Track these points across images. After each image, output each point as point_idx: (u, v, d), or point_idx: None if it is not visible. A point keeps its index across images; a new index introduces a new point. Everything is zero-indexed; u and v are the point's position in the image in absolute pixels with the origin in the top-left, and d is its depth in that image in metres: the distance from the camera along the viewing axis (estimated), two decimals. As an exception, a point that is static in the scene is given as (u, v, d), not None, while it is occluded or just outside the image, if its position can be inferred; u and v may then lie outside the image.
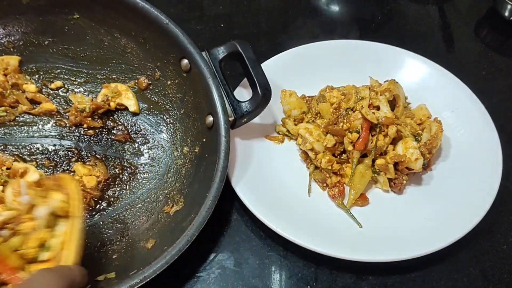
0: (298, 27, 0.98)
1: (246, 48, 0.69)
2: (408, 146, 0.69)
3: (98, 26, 0.73)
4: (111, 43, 0.73)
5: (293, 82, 0.80)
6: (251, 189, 0.69)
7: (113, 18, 0.71)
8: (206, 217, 0.59)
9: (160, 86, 0.74)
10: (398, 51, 0.85)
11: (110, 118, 0.74)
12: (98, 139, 0.72)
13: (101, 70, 0.75)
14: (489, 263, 0.68)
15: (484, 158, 0.73)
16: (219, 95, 0.65)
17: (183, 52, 0.68)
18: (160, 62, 0.72)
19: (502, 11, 0.97)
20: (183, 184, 0.67)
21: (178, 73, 0.71)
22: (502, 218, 0.72)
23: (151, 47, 0.72)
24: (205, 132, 0.67)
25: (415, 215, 0.69)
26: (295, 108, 0.77)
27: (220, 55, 0.69)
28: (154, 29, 0.69)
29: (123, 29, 0.72)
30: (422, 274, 0.66)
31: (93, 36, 0.73)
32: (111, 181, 0.69)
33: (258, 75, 0.68)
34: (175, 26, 0.68)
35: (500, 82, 0.90)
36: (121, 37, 0.73)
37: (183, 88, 0.71)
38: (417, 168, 0.69)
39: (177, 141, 0.72)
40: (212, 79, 0.65)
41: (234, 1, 1.00)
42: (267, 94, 0.68)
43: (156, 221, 0.64)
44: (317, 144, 0.72)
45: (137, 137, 0.73)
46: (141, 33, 0.71)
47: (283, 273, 0.66)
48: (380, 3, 1.03)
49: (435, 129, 0.72)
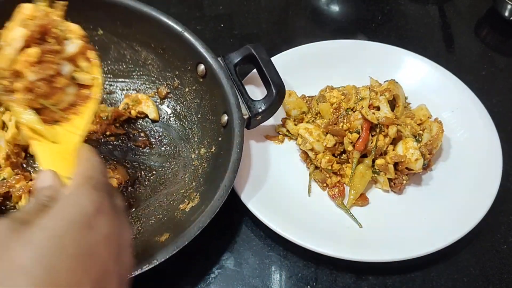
0: (298, 27, 0.98)
1: (260, 50, 0.72)
2: (409, 147, 0.69)
3: (120, 41, 0.77)
4: (132, 56, 0.78)
5: (293, 82, 0.80)
6: (251, 189, 0.69)
7: (134, 31, 0.75)
8: (219, 205, 0.60)
9: (178, 93, 0.78)
10: (398, 51, 0.85)
11: (131, 125, 0.77)
12: (119, 145, 0.75)
13: (123, 82, 0.80)
14: (489, 263, 0.68)
15: (484, 158, 0.73)
16: (233, 94, 0.67)
17: (199, 58, 0.71)
18: (178, 70, 0.76)
19: (502, 11, 0.97)
20: (199, 182, 0.69)
21: (195, 79, 0.74)
22: (502, 218, 0.72)
23: (169, 56, 0.76)
24: (220, 131, 0.70)
25: (415, 215, 0.69)
26: (295, 108, 0.77)
27: (235, 59, 0.72)
28: (171, 39, 0.72)
29: (143, 41, 0.76)
30: (422, 274, 0.66)
31: (116, 50, 0.78)
32: (131, 183, 0.71)
33: (271, 74, 0.70)
34: (190, 34, 0.71)
35: (500, 82, 0.90)
36: (142, 49, 0.77)
37: (200, 93, 0.74)
38: (417, 168, 0.69)
39: (194, 144, 0.74)
40: (227, 79, 0.68)
41: (234, 1, 1.00)
42: (281, 91, 0.70)
43: (172, 218, 0.66)
44: (317, 144, 0.72)
45: (156, 142, 0.76)
46: (160, 44, 0.75)
47: (283, 273, 0.66)
48: (380, 3, 1.03)
49: (436, 129, 0.72)
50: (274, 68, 0.71)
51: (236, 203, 0.71)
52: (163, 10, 0.97)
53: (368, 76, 0.78)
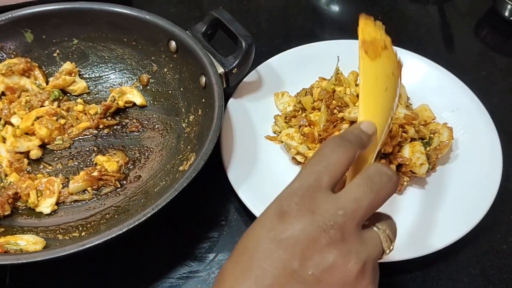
0: (298, 27, 0.98)
1: (222, 12, 0.76)
2: (416, 150, 0.69)
3: (95, 45, 0.82)
4: (109, 55, 0.83)
5: (293, 82, 0.80)
6: (251, 189, 0.69)
7: (105, 32, 0.80)
8: (208, 150, 0.62)
9: (159, 76, 0.82)
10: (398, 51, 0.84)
11: (122, 115, 0.81)
12: (113, 134, 0.79)
13: (107, 81, 0.84)
14: (489, 263, 0.68)
15: (484, 158, 0.73)
16: (204, 55, 0.71)
17: (168, 35, 0.75)
18: (153, 55, 0.80)
19: (502, 11, 0.97)
20: (194, 144, 0.72)
21: (170, 57, 0.78)
22: (502, 218, 0.72)
23: (142, 45, 0.80)
24: (202, 93, 0.73)
25: (415, 215, 0.69)
26: (289, 105, 0.78)
27: (201, 28, 0.76)
28: (140, 27, 0.77)
29: (116, 39, 0.80)
30: (422, 274, 0.66)
31: (94, 55, 0.83)
32: (131, 164, 0.75)
33: (237, 29, 0.73)
34: (153, 16, 0.76)
35: (500, 82, 0.90)
36: (116, 47, 0.81)
37: (177, 68, 0.79)
38: (421, 173, 0.69)
39: (183, 115, 0.78)
40: (196, 45, 0.72)
41: (234, 1, 1.00)
42: (248, 40, 0.72)
43: (174, 180, 0.69)
44: (301, 146, 0.71)
45: (148, 124, 0.80)
46: (130, 37, 0.80)
47: (283, 273, 0.66)
48: (380, 3, 1.03)
49: (447, 135, 0.72)
50: (239, 24, 0.74)
51: (236, 203, 0.71)
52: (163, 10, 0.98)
53: (368, 76, 0.78)
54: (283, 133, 0.74)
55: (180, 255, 0.67)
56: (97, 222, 0.66)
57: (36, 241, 0.62)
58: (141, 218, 0.55)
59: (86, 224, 0.66)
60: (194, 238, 0.68)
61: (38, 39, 0.79)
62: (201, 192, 0.70)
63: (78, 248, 0.52)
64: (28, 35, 0.79)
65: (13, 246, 0.61)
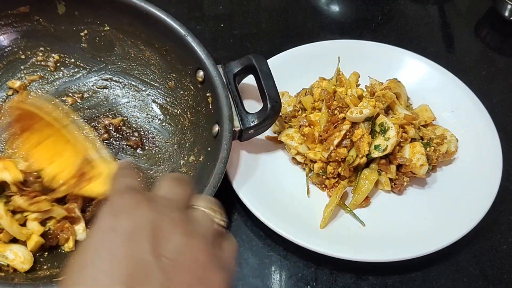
0: (298, 27, 0.98)
1: (261, 62, 0.71)
2: (416, 151, 0.69)
3: (125, 38, 0.77)
4: (136, 54, 0.79)
5: (293, 82, 0.80)
6: (251, 189, 0.69)
7: (140, 30, 0.76)
8: None
9: (175, 96, 0.78)
10: (398, 51, 0.85)
11: (126, 123, 0.78)
12: (111, 143, 0.75)
13: (125, 78, 0.81)
14: (489, 263, 0.68)
15: (484, 158, 0.73)
16: (227, 105, 0.66)
17: (199, 63, 0.71)
18: (178, 73, 0.76)
19: (502, 11, 0.97)
20: None
21: (193, 84, 0.74)
22: (502, 218, 0.72)
23: (172, 59, 0.76)
24: (211, 141, 0.69)
25: (415, 215, 0.69)
26: (289, 105, 0.78)
27: (235, 68, 0.71)
28: (175, 41, 0.72)
29: (148, 41, 0.76)
30: (422, 274, 0.66)
31: (120, 47, 0.78)
32: None
33: (269, 87, 0.69)
34: (193, 38, 0.71)
35: (500, 82, 0.90)
36: (146, 49, 0.77)
37: (196, 98, 0.74)
38: (421, 174, 0.69)
39: (184, 150, 0.74)
40: (223, 89, 0.67)
41: (234, 1, 1.00)
42: (275, 106, 0.68)
43: None
44: (301, 147, 0.71)
45: (148, 143, 0.76)
46: (163, 45, 0.75)
47: (283, 273, 0.66)
48: (380, 3, 1.03)
49: (454, 147, 0.72)
50: (273, 82, 0.70)
51: (236, 203, 0.71)
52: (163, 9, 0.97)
53: (368, 76, 0.78)
54: (283, 134, 0.74)
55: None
56: None
57: (24, 260, 0.59)
58: None
59: None
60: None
61: (69, 13, 0.75)
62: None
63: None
64: (60, 6, 0.75)
65: (0, 259, 0.59)
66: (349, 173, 0.70)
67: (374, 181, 0.69)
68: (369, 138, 0.68)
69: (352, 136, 0.68)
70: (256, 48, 0.92)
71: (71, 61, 0.80)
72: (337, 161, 0.69)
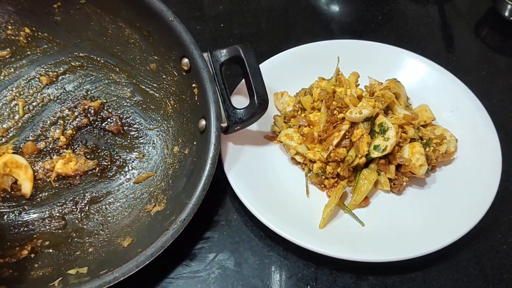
0: (298, 27, 0.98)
1: (249, 54, 0.68)
2: (415, 151, 0.69)
3: (103, 13, 0.71)
4: (115, 31, 0.72)
5: (292, 82, 0.80)
6: (250, 189, 0.68)
7: (119, 7, 0.70)
8: (183, 226, 0.59)
9: (156, 79, 0.73)
10: (398, 51, 0.85)
11: (104, 109, 0.73)
12: (91, 129, 0.71)
13: (102, 57, 0.75)
14: (489, 263, 0.68)
15: (484, 158, 0.73)
16: (214, 101, 0.64)
17: (185, 51, 0.67)
18: (161, 57, 0.72)
19: (502, 11, 0.97)
20: (168, 184, 0.67)
21: (178, 70, 0.70)
22: (502, 218, 0.72)
23: (154, 41, 0.71)
24: (196, 135, 0.67)
25: (415, 215, 0.69)
26: (289, 105, 0.78)
27: (222, 58, 0.68)
28: (159, 24, 0.68)
29: (128, 19, 0.71)
30: (422, 274, 0.66)
31: (97, 23, 0.72)
32: (99, 173, 0.68)
33: (257, 84, 0.67)
34: (179, 24, 0.67)
35: (500, 82, 0.90)
36: (126, 27, 0.72)
37: (181, 86, 0.71)
38: (420, 174, 0.69)
39: (168, 139, 0.72)
40: (210, 82, 0.65)
41: (234, 1, 1.00)
42: (263, 104, 0.67)
43: (137, 219, 0.64)
44: (300, 147, 0.71)
45: (130, 130, 0.72)
46: (146, 26, 0.70)
47: (283, 273, 0.66)
48: (380, 3, 1.03)
49: (453, 147, 0.72)
50: (261, 78, 0.68)
51: (236, 203, 0.71)
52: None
53: (367, 76, 0.78)
54: (282, 133, 0.74)
55: (180, 255, 0.67)
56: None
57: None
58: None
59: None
60: (194, 238, 0.68)
61: None
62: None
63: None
64: None
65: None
66: (349, 173, 0.70)
67: (373, 181, 0.69)
68: (368, 138, 0.68)
69: (352, 136, 0.68)
70: (256, 48, 0.92)
71: (43, 35, 0.73)
72: (336, 161, 0.69)
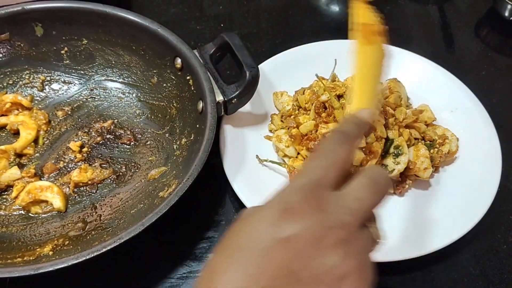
0: (298, 27, 0.98)
1: (232, 36, 0.74)
2: (420, 154, 0.69)
3: (104, 47, 0.81)
4: (116, 60, 0.82)
5: (292, 82, 0.80)
6: (250, 189, 0.68)
7: (115, 36, 0.79)
8: (187, 185, 0.61)
9: (159, 90, 0.81)
10: (398, 51, 0.85)
11: (117, 125, 0.80)
12: (105, 144, 0.78)
13: (109, 86, 0.84)
14: (489, 263, 0.68)
15: (484, 158, 0.73)
16: (206, 80, 0.70)
17: (175, 51, 0.74)
18: (158, 68, 0.79)
19: (502, 11, 0.97)
20: (179, 170, 0.70)
21: (174, 73, 0.77)
22: (502, 218, 0.72)
23: (150, 56, 0.79)
24: (198, 118, 0.72)
25: (414, 215, 0.69)
26: (288, 105, 0.78)
27: (210, 49, 0.74)
28: (150, 38, 0.76)
29: (125, 45, 0.80)
30: (422, 274, 0.66)
31: (101, 57, 0.82)
32: (115, 180, 0.74)
33: (243, 56, 0.71)
34: (164, 30, 0.74)
35: (500, 82, 0.90)
36: (124, 53, 0.81)
37: (179, 86, 0.77)
38: (425, 177, 0.69)
39: (176, 135, 0.76)
40: (200, 66, 0.71)
41: (234, 1, 1.00)
42: (253, 71, 0.70)
43: (152, 205, 0.67)
44: (288, 149, 0.71)
45: (141, 139, 0.79)
46: (140, 45, 0.79)
47: (283, 273, 0.66)
48: (380, 3, 1.03)
49: (455, 147, 0.72)
50: (247, 51, 0.72)
51: (236, 203, 0.71)
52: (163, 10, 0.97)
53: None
54: (274, 134, 0.74)
55: (180, 255, 0.67)
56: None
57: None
58: (100, 249, 0.56)
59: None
60: (194, 238, 0.68)
61: (48, 34, 0.79)
62: (201, 192, 0.70)
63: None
64: (38, 29, 0.78)
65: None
66: None
67: None
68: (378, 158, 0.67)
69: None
70: (256, 48, 0.92)
71: (56, 79, 0.83)
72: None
